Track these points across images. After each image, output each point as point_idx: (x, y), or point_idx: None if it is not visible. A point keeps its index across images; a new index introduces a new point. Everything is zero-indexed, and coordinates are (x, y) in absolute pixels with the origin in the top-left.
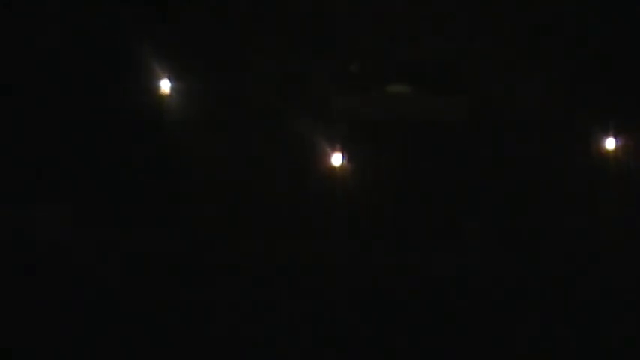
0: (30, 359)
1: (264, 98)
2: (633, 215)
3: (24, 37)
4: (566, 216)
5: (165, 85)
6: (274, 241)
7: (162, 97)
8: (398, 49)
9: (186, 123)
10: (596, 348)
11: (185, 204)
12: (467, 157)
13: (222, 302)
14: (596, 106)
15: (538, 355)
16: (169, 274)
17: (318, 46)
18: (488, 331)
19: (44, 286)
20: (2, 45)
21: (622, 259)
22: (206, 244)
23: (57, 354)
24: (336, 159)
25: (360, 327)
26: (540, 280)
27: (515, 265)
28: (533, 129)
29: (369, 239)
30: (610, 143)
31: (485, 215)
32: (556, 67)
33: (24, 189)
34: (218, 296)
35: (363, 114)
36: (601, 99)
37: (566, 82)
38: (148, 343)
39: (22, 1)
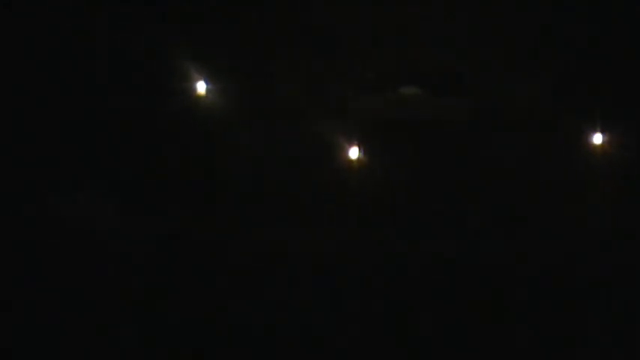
0: (73, 340)
1: (289, 99)
2: (620, 204)
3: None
4: (560, 206)
5: (201, 87)
6: (297, 223)
7: (198, 98)
8: (409, 55)
9: (220, 121)
10: (585, 337)
11: (219, 195)
12: (471, 153)
13: (245, 285)
14: (585, 104)
15: (529, 340)
16: (201, 258)
17: (338, 53)
18: (488, 311)
19: (88, 270)
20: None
21: (610, 246)
22: (238, 231)
23: (98, 336)
24: (353, 153)
25: (371, 311)
26: (536, 269)
27: (514, 253)
28: (530, 126)
29: (381, 225)
30: (597, 138)
31: (488, 206)
32: (550, 67)
33: (74, 179)
34: (242, 280)
35: (378, 113)
36: (589, 97)
37: (559, 82)
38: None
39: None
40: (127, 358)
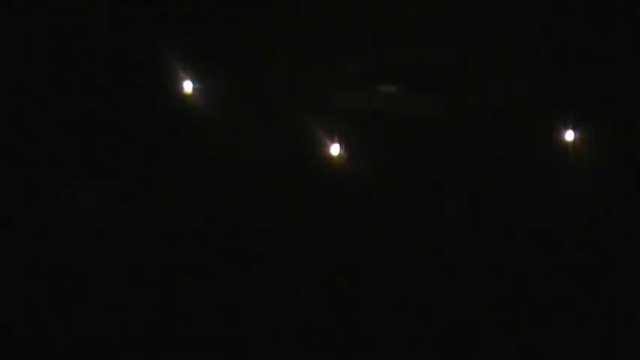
0: (82, 331)
1: (273, 97)
2: (589, 196)
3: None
4: (531, 198)
5: (187, 86)
6: (283, 217)
7: (185, 97)
8: (388, 54)
9: (206, 118)
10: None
11: (207, 188)
12: (446, 147)
13: (240, 274)
14: (557, 102)
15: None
16: (195, 247)
17: (321, 51)
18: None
19: (94, 261)
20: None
21: (580, 235)
22: (226, 222)
23: (107, 328)
24: (334, 149)
25: (352, 296)
26: (507, 253)
27: (487, 238)
28: (503, 121)
29: (361, 217)
30: (569, 135)
31: (461, 197)
32: (523, 66)
33: (77, 175)
34: (236, 268)
35: (358, 110)
36: (561, 95)
37: (532, 80)
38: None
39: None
40: (133, 351)
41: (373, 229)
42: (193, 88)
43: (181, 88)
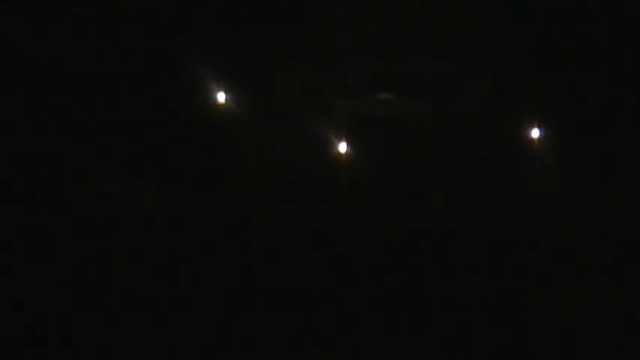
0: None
1: (288, 103)
2: (553, 190)
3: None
4: (501, 190)
5: (221, 97)
6: (296, 205)
7: (219, 106)
8: (383, 66)
9: (236, 124)
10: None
11: (234, 182)
12: (433, 145)
13: (259, 255)
14: (525, 102)
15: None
16: (222, 234)
17: (328, 64)
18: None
19: (131, 250)
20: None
21: (544, 226)
22: (249, 211)
23: (140, 316)
24: (342, 147)
25: (356, 272)
26: (486, 239)
27: (465, 226)
28: (482, 122)
29: (365, 205)
30: (535, 133)
31: (447, 188)
32: (495, 73)
33: (120, 171)
34: (254, 251)
35: (360, 114)
36: (529, 96)
37: (503, 84)
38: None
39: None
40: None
41: (373, 212)
42: (225, 99)
43: (215, 97)
